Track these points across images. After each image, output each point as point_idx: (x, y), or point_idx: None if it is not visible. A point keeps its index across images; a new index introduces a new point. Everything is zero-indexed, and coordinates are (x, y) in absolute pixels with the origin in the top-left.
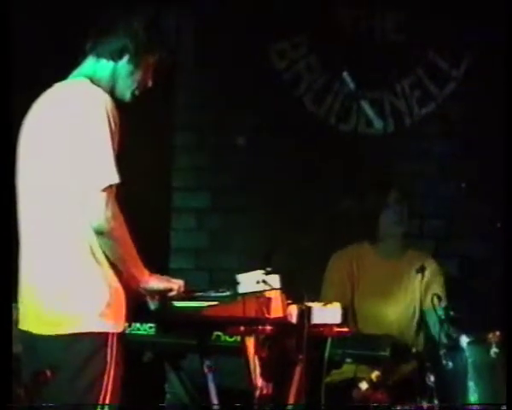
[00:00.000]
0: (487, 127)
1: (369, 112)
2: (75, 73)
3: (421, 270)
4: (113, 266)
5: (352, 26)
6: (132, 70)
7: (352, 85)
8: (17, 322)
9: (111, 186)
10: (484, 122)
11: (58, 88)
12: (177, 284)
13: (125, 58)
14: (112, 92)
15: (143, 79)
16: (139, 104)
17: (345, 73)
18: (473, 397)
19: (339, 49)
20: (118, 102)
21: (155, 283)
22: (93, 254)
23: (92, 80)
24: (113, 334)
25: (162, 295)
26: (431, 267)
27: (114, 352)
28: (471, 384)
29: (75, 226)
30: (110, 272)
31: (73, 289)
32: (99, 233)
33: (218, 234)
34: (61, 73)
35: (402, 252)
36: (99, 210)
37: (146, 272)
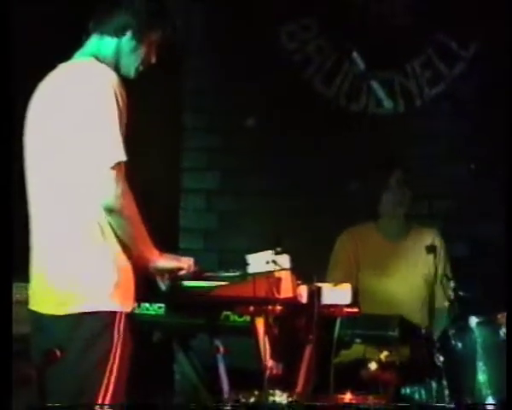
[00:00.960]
0: (497, 108)
1: (379, 92)
2: (80, 52)
3: (433, 249)
4: (122, 245)
5: (362, 7)
6: (135, 46)
7: (361, 66)
8: (27, 302)
9: (119, 163)
10: (493, 102)
11: (63, 68)
12: (186, 263)
13: (128, 34)
14: (116, 69)
15: (147, 54)
16: (149, 85)
17: (354, 54)
18: (482, 377)
19: (348, 30)
20: (123, 79)
21: (165, 262)
22: (102, 234)
23: (97, 58)
24: (120, 313)
25: (172, 274)
26: (440, 246)
27: (122, 331)
28: (480, 365)
29: (84, 205)
30: (119, 252)
31: (82, 268)
32: (109, 211)
33: (227, 215)
34: (65, 54)
35: (405, 231)
36: (109, 187)
37: (155, 252)
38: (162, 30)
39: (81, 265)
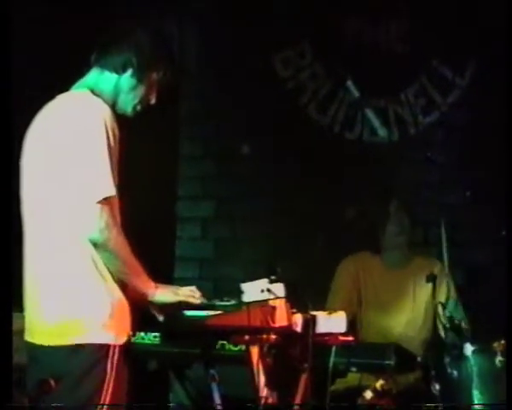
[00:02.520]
0: (491, 135)
1: (374, 120)
2: (78, 84)
3: (432, 279)
4: (116, 278)
5: (356, 35)
6: (135, 84)
7: (356, 94)
8: (22, 333)
9: (106, 198)
10: (488, 130)
11: (59, 99)
12: (184, 296)
13: (129, 72)
14: (113, 105)
15: (146, 94)
16: (144, 114)
17: (349, 82)
18: (478, 406)
19: (343, 58)
20: (119, 116)
21: (163, 296)
22: (95, 266)
23: (93, 91)
24: (114, 346)
25: (169, 308)
26: (439, 275)
27: (115, 363)
28: (476, 393)
29: (77, 238)
30: (113, 284)
31: (76, 300)
32: (94, 245)
33: (222, 243)
34: (66, 85)
35: (407, 261)
36: (93, 222)
37: (151, 284)
38: (164, 72)
39: (74, 297)
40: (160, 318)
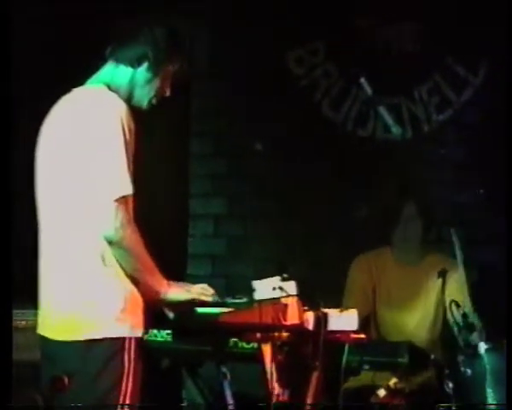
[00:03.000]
0: (504, 134)
1: (387, 118)
2: (93, 78)
3: (443, 274)
4: (129, 275)
5: (370, 33)
6: (151, 78)
7: (369, 91)
8: (33, 328)
9: (123, 196)
10: (500, 129)
11: (75, 94)
12: (196, 293)
13: (144, 65)
14: (129, 99)
15: (161, 87)
16: (157, 112)
17: (362, 79)
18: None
19: (356, 56)
20: (135, 110)
21: (175, 293)
22: (109, 261)
23: (110, 87)
24: (130, 338)
25: (182, 306)
26: (451, 271)
27: (132, 356)
28: (489, 391)
29: (91, 235)
30: (126, 278)
31: (89, 295)
32: (109, 243)
33: (235, 241)
34: (81, 77)
35: (421, 258)
36: (109, 220)
37: (164, 282)
38: (179, 63)
39: (88, 292)
40: (171, 315)
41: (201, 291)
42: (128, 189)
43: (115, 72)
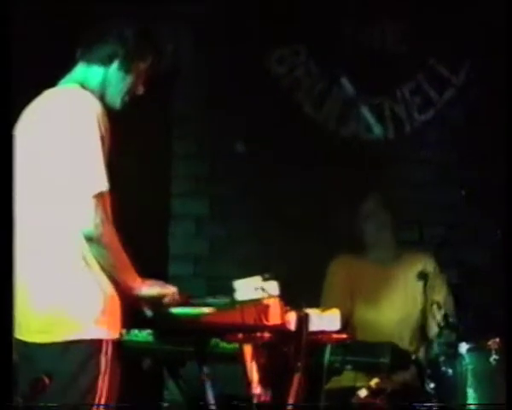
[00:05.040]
0: (487, 134)
1: (369, 117)
2: (66, 79)
3: (424, 276)
4: (106, 273)
5: (352, 33)
6: (123, 76)
7: (351, 91)
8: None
9: (101, 193)
10: (483, 129)
11: (48, 95)
12: (170, 290)
13: (115, 63)
14: (102, 98)
15: (134, 85)
16: (138, 112)
17: (344, 79)
18: (473, 406)
19: (338, 55)
20: (108, 109)
21: (148, 289)
22: (86, 261)
23: (83, 86)
24: (107, 341)
25: (157, 301)
26: (431, 273)
27: (109, 359)
28: (470, 391)
29: (68, 233)
30: (104, 279)
31: (67, 296)
32: (88, 239)
33: (216, 241)
34: (51, 80)
35: (396, 257)
36: (88, 216)
37: (138, 279)
38: (150, 60)
39: (66, 293)
40: (149, 313)
41: (175, 291)
42: (106, 185)
43: (87, 72)
